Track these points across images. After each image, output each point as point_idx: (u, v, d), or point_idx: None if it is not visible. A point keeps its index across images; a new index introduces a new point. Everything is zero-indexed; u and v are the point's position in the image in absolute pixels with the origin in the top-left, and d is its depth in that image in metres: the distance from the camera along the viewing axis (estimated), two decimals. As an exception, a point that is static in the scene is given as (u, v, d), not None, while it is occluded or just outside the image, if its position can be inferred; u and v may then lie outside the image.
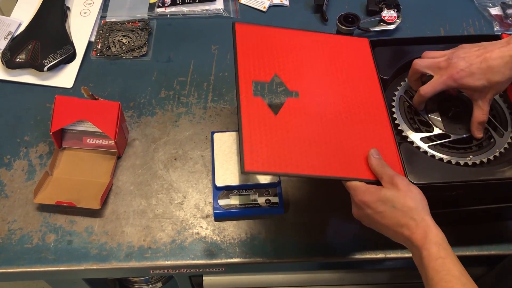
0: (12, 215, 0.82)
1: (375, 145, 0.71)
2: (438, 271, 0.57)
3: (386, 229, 0.64)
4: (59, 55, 0.98)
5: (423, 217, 0.61)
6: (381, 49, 0.84)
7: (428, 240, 0.59)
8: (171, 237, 0.81)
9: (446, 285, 0.56)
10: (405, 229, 0.61)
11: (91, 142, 0.88)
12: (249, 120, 0.68)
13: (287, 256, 0.79)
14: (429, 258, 0.58)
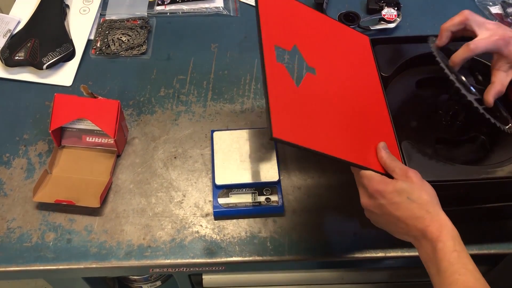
0: (11, 214, 0.82)
1: (380, 140, 0.70)
2: (453, 263, 0.57)
3: (397, 222, 0.63)
4: (58, 53, 0.97)
5: (438, 212, 0.61)
6: (382, 47, 0.84)
7: (444, 233, 0.59)
8: (170, 235, 0.81)
9: (460, 277, 0.56)
10: (420, 222, 0.61)
11: (90, 140, 0.88)
12: (275, 85, 0.64)
13: (287, 254, 0.79)
14: (445, 250, 0.58)
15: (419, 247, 0.62)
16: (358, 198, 0.84)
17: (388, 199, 0.63)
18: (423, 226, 0.60)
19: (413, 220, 0.61)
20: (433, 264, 0.60)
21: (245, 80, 1.00)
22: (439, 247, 0.58)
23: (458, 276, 0.56)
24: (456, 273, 0.57)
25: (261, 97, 0.97)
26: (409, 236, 0.63)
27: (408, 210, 0.62)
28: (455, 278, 0.56)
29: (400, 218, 0.62)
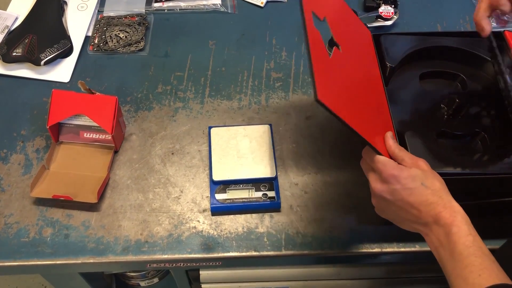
0: (9, 209, 0.82)
1: (385, 129, 0.71)
2: (468, 246, 0.58)
3: (409, 208, 0.63)
4: (56, 49, 0.97)
5: (450, 199, 0.62)
6: (389, 37, 0.84)
7: (458, 219, 0.60)
8: (168, 231, 0.81)
9: (477, 259, 0.57)
10: (433, 208, 0.61)
11: (88, 136, 0.88)
12: (316, 49, 0.62)
13: (284, 250, 0.80)
14: (459, 234, 0.59)
15: (428, 234, 0.63)
16: (355, 194, 0.85)
17: (403, 184, 0.63)
18: (436, 211, 0.61)
19: (427, 206, 0.62)
20: (445, 249, 0.60)
21: (243, 76, 1.00)
22: (453, 231, 0.59)
23: (474, 258, 0.57)
24: (472, 255, 0.57)
25: (258, 94, 0.97)
26: (419, 224, 0.64)
27: (422, 195, 0.62)
28: (472, 260, 0.57)
29: (414, 204, 0.62)
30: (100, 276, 1.15)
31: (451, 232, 0.59)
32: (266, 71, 1.01)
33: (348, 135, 0.92)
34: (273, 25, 1.09)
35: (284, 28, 1.09)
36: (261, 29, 1.09)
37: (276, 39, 1.07)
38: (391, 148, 0.68)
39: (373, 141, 0.66)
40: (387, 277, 0.98)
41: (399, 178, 0.63)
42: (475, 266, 0.56)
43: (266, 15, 1.11)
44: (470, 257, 0.57)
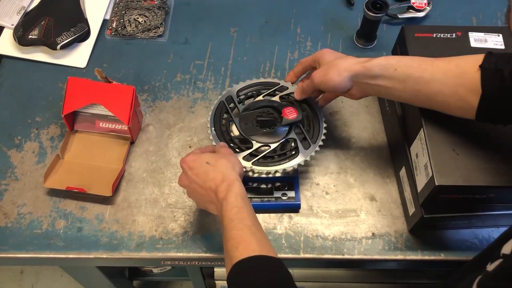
0: (22, 199, 0.81)
1: None
2: (232, 219, 0.60)
3: (199, 189, 0.66)
4: (72, 33, 0.94)
5: (230, 172, 0.65)
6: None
7: (230, 192, 0.62)
8: (183, 228, 0.79)
9: (237, 232, 0.59)
10: (213, 182, 0.64)
11: (104, 126, 0.86)
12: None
13: (302, 253, 0.77)
14: (227, 207, 0.61)
15: (216, 209, 0.65)
16: (379, 197, 0.82)
17: (190, 166, 0.67)
18: (215, 186, 0.64)
19: (208, 181, 0.65)
20: (222, 223, 0.62)
21: (265, 67, 0.96)
22: (224, 205, 0.62)
23: (235, 231, 0.59)
24: (234, 229, 0.60)
25: (280, 86, 0.93)
26: (209, 202, 0.66)
27: (204, 172, 0.66)
28: (233, 234, 0.59)
29: (199, 182, 0.66)
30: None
31: (222, 206, 0.62)
32: (290, 62, 0.97)
33: (374, 132, 0.88)
34: (299, 12, 1.04)
35: (310, 16, 1.04)
36: (286, 16, 1.04)
37: (301, 27, 1.02)
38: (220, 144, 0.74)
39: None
40: (409, 282, 0.95)
41: (187, 161, 0.68)
42: (235, 240, 0.59)
43: (292, 2, 1.06)
44: (232, 230, 0.60)
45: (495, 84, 0.61)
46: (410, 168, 0.76)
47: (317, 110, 0.81)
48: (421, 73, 0.66)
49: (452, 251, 0.77)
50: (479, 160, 0.68)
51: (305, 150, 0.77)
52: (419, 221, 0.74)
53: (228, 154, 0.70)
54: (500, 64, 0.61)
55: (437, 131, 0.70)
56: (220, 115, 0.80)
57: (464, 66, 0.64)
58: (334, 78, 0.71)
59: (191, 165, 0.67)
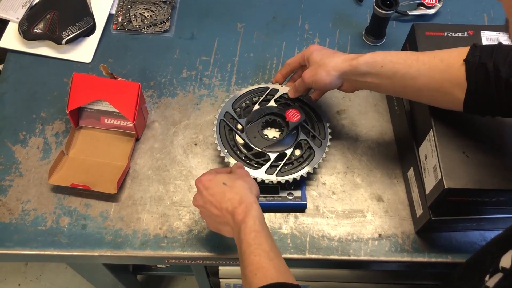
0: (26, 195, 0.80)
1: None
2: (250, 244, 0.59)
3: (214, 209, 0.65)
4: (78, 27, 0.93)
5: (247, 194, 0.64)
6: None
7: (248, 215, 0.61)
8: (188, 226, 0.78)
9: (255, 258, 0.58)
10: (230, 204, 0.63)
11: (109, 122, 0.85)
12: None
13: (308, 254, 0.76)
14: (245, 231, 0.60)
15: (233, 231, 0.63)
16: (386, 197, 0.81)
17: (206, 186, 0.66)
18: (232, 207, 0.63)
19: (225, 202, 0.63)
20: (239, 246, 0.62)
21: (271, 64, 0.95)
22: (242, 228, 0.61)
23: (253, 257, 0.58)
24: (252, 254, 0.59)
25: (287, 83, 0.92)
26: (225, 225, 0.65)
27: (221, 193, 0.64)
28: (251, 259, 0.58)
29: (215, 203, 0.64)
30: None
31: (240, 229, 0.61)
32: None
33: (382, 132, 0.87)
34: (307, 8, 1.03)
35: (318, 12, 1.02)
36: (294, 12, 1.02)
37: (309, 24, 1.00)
38: (236, 164, 0.73)
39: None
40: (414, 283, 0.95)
41: (202, 180, 0.66)
42: (253, 265, 0.58)
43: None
44: (251, 256, 0.59)
45: (480, 77, 0.61)
46: (418, 169, 0.75)
47: (313, 105, 0.82)
48: (407, 69, 0.66)
49: (460, 253, 0.76)
50: (489, 163, 0.66)
51: (319, 147, 0.78)
52: (426, 223, 0.73)
53: (245, 176, 0.69)
54: (484, 57, 0.61)
55: (447, 132, 0.69)
56: (226, 134, 0.79)
57: (449, 61, 0.64)
58: (324, 78, 0.73)
59: (207, 184, 0.66)
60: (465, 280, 0.60)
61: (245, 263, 0.59)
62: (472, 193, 0.66)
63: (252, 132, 0.80)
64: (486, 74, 0.60)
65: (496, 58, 0.60)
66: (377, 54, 0.69)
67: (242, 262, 0.60)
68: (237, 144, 0.79)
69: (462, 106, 0.64)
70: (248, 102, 0.83)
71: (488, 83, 0.60)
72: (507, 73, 0.59)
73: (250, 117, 0.81)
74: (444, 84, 0.64)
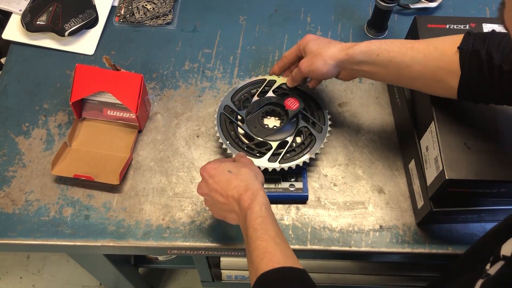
0: (30, 186, 0.81)
1: None
2: (256, 229, 0.59)
3: (219, 197, 0.65)
4: (81, 19, 0.93)
5: (253, 181, 0.64)
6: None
7: (254, 202, 0.61)
8: (190, 217, 0.78)
9: (261, 243, 0.59)
10: (236, 191, 0.63)
11: (111, 114, 0.85)
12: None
13: (309, 244, 0.76)
14: (251, 217, 0.60)
15: (239, 218, 0.64)
16: (387, 189, 0.81)
17: (211, 174, 0.66)
18: (238, 194, 0.63)
19: (230, 190, 0.64)
20: (244, 232, 0.62)
21: (274, 57, 0.95)
22: (248, 214, 0.61)
23: (260, 242, 0.59)
24: (258, 239, 0.59)
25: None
26: (231, 212, 0.65)
27: (226, 180, 0.64)
28: (258, 244, 0.59)
29: (220, 191, 0.64)
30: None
31: (246, 215, 0.61)
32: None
33: (383, 124, 0.87)
34: (309, 1, 1.03)
35: (320, 5, 1.02)
36: (296, 4, 1.02)
37: (311, 16, 1.01)
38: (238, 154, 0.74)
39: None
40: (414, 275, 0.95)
41: (207, 169, 0.66)
42: (260, 250, 0.58)
43: (302, -9, 1.05)
44: (257, 241, 0.59)
45: (473, 64, 0.61)
46: (419, 161, 0.75)
47: (311, 94, 0.83)
48: (402, 58, 0.67)
49: (461, 244, 0.76)
50: (490, 154, 0.67)
51: (319, 133, 0.79)
52: (427, 214, 0.73)
53: (249, 163, 0.70)
54: (478, 44, 0.61)
55: (448, 124, 0.69)
56: (226, 127, 0.80)
57: (443, 49, 0.64)
58: (321, 67, 0.74)
59: (212, 173, 0.66)
60: (464, 270, 0.60)
61: (251, 247, 0.59)
62: (473, 184, 0.67)
63: (253, 123, 0.81)
64: (479, 61, 0.61)
65: (489, 45, 0.61)
66: (372, 42, 0.70)
67: (248, 247, 0.61)
68: (238, 135, 0.79)
69: (456, 94, 0.64)
70: (247, 94, 0.83)
71: (481, 70, 0.61)
72: (500, 60, 0.60)
73: (250, 108, 0.81)
74: (438, 72, 0.64)
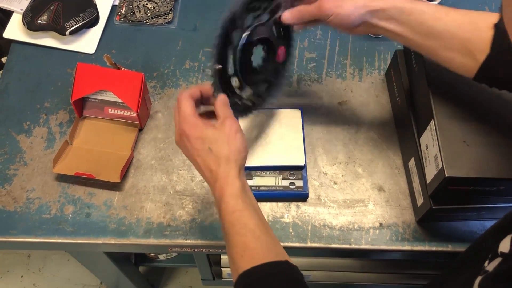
0: (31, 184, 0.81)
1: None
2: (234, 224, 0.57)
3: (198, 166, 0.62)
4: (81, 18, 0.94)
5: (230, 168, 0.59)
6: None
7: (226, 193, 0.58)
8: (191, 215, 0.79)
9: (240, 238, 0.56)
10: (212, 175, 0.60)
11: (112, 112, 0.86)
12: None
13: (310, 242, 0.77)
14: (226, 211, 0.57)
15: (215, 204, 0.62)
16: (387, 187, 0.81)
17: (192, 143, 0.61)
18: (213, 180, 0.60)
19: (208, 171, 0.60)
20: (221, 223, 0.59)
21: (274, 55, 0.95)
22: (222, 208, 0.58)
23: (238, 237, 0.56)
24: (237, 235, 0.56)
25: (289, 75, 0.92)
26: (210, 187, 0.62)
27: (206, 160, 0.60)
28: (236, 240, 0.56)
29: (200, 164, 0.61)
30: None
31: (220, 208, 0.58)
32: (299, 51, 0.96)
33: (383, 122, 0.88)
34: None
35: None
36: (296, 4, 1.02)
37: (311, 16, 1.01)
38: (217, 103, 0.66)
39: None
40: (414, 272, 0.95)
41: (189, 137, 0.61)
42: (239, 247, 0.56)
43: (302, -10, 1.05)
44: (235, 236, 0.56)
45: (504, 46, 0.59)
46: (419, 159, 0.76)
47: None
48: (434, 22, 0.63)
49: (460, 242, 0.76)
50: (490, 152, 0.67)
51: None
52: (427, 212, 0.73)
53: (232, 136, 0.61)
54: None
55: (448, 122, 0.70)
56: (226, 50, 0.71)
57: (478, 22, 0.62)
58: (349, 14, 0.65)
59: (193, 142, 0.61)
60: (464, 268, 0.61)
61: (230, 243, 0.57)
62: (473, 182, 0.67)
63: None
64: (509, 44, 0.60)
65: None
66: (406, 1, 0.64)
67: (227, 242, 0.58)
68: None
69: (475, 72, 0.62)
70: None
71: (509, 53, 0.59)
72: None
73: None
74: (467, 44, 0.62)
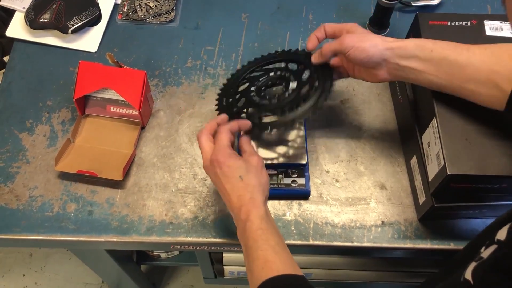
0: (33, 182, 0.81)
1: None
2: (256, 240, 0.61)
3: (225, 193, 0.66)
4: (84, 17, 0.94)
5: (257, 196, 0.64)
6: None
7: (253, 214, 0.63)
8: (193, 213, 0.79)
9: (261, 253, 0.60)
10: (240, 200, 0.64)
11: (115, 110, 0.86)
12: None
13: (312, 240, 0.77)
14: (251, 228, 0.62)
15: (237, 226, 0.66)
16: (389, 186, 0.81)
17: (224, 171, 0.66)
18: (240, 204, 0.64)
19: (236, 196, 0.65)
20: (243, 242, 0.64)
21: (276, 54, 0.95)
22: (247, 226, 0.62)
23: (260, 251, 0.60)
24: (259, 249, 0.60)
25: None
26: (233, 212, 0.66)
27: (235, 186, 0.65)
28: (258, 254, 0.60)
29: (228, 191, 0.65)
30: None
31: (245, 227, 0.62)
32: (302, 48, 0.96)
33: (385, 121, 0.88)
34: (311, -1, 1.03)
35: (322, 2, 1.02)
36: (298, 2, 1.03)
37: (313, 14, 1.01)
38: (241, 141, 0.72)
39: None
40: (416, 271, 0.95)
41: (222, 164, 0.66)
42: (260, 260, 0.60)
43: (304, -12, 1.05)
44: (257, 251, 0.60)
45: None
46: (421, 157, 0.76)
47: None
48: (456, 57, 0.64)
49: (462, 240, 0.76)
50: (492, 149, 0.67)
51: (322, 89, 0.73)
52: (429, 210, 0.73)
53: (259, 170, 0.67)
54: None
55: (450, 120, 0.70)
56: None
57: (500, 54, 0.63)
58: (368, 47, 0.67)
59: (225, 170, 0.65)
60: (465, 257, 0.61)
61: (252, 257, 0.61)
62: (475, 180, 0.67)
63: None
64: None
65: None
66: (425, 39, 0.67)
67: (247, 257, 0.62)
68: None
69: (505, 103, 0.61)
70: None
71: None
72: None
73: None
74: (492, 76, 0.62)
